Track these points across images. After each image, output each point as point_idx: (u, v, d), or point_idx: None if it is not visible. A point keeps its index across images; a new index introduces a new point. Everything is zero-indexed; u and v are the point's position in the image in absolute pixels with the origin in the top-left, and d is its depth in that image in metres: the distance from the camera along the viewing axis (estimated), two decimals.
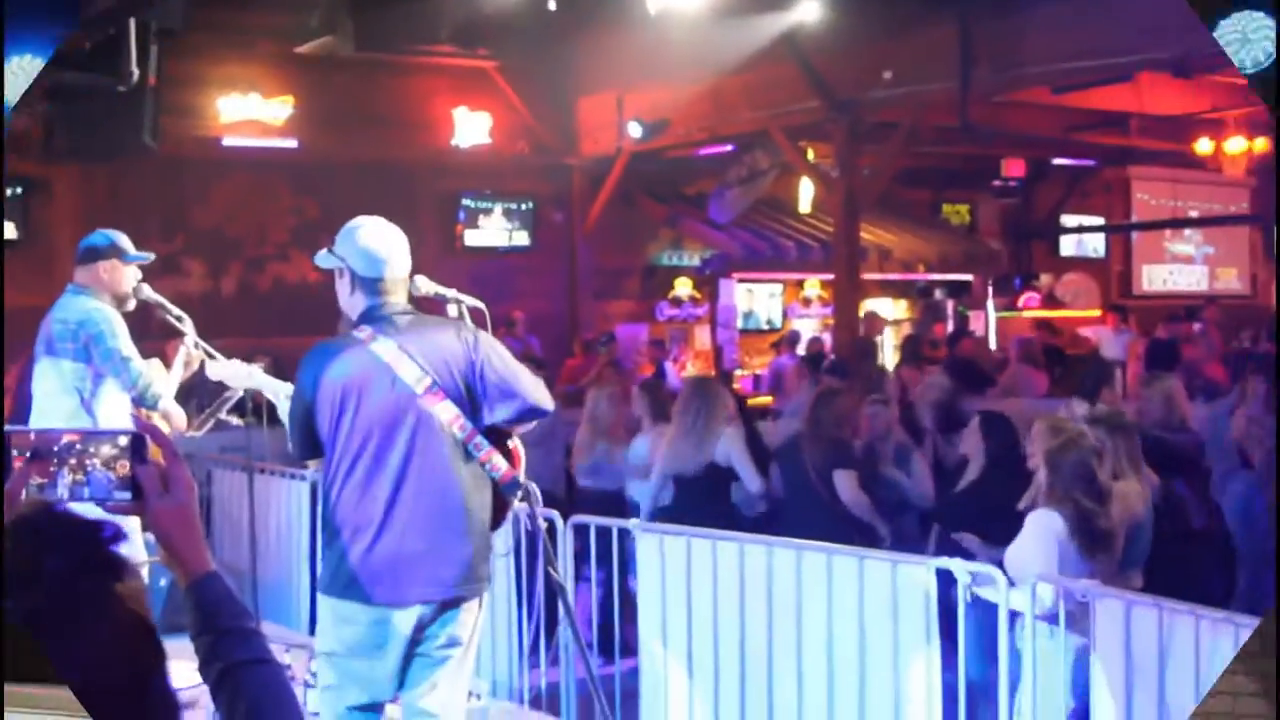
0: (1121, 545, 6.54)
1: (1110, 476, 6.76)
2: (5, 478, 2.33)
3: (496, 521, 5.26)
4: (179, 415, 7.28)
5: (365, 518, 5.04)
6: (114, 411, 6.99)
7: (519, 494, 5.22)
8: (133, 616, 1.94)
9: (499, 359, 5.17)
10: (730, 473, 8.92)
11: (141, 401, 7.02)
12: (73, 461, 2.36)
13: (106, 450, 2.36)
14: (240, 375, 6.72)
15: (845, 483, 8.71)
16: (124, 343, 7.00)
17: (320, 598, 5.24)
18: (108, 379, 6.99)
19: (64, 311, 7.05)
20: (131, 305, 7.29)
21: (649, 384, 10.60)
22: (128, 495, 2.37)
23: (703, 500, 8.76)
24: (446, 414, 5.03)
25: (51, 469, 2.37)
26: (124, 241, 7.29)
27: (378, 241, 5.26)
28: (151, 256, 7.45)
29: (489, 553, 5.22)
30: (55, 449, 2.37)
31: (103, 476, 2.35)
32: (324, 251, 5.31)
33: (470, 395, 5.09)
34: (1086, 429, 6.70)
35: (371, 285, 5.20)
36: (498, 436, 5.16)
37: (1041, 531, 6.37)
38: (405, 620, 5.03)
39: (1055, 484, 6.43)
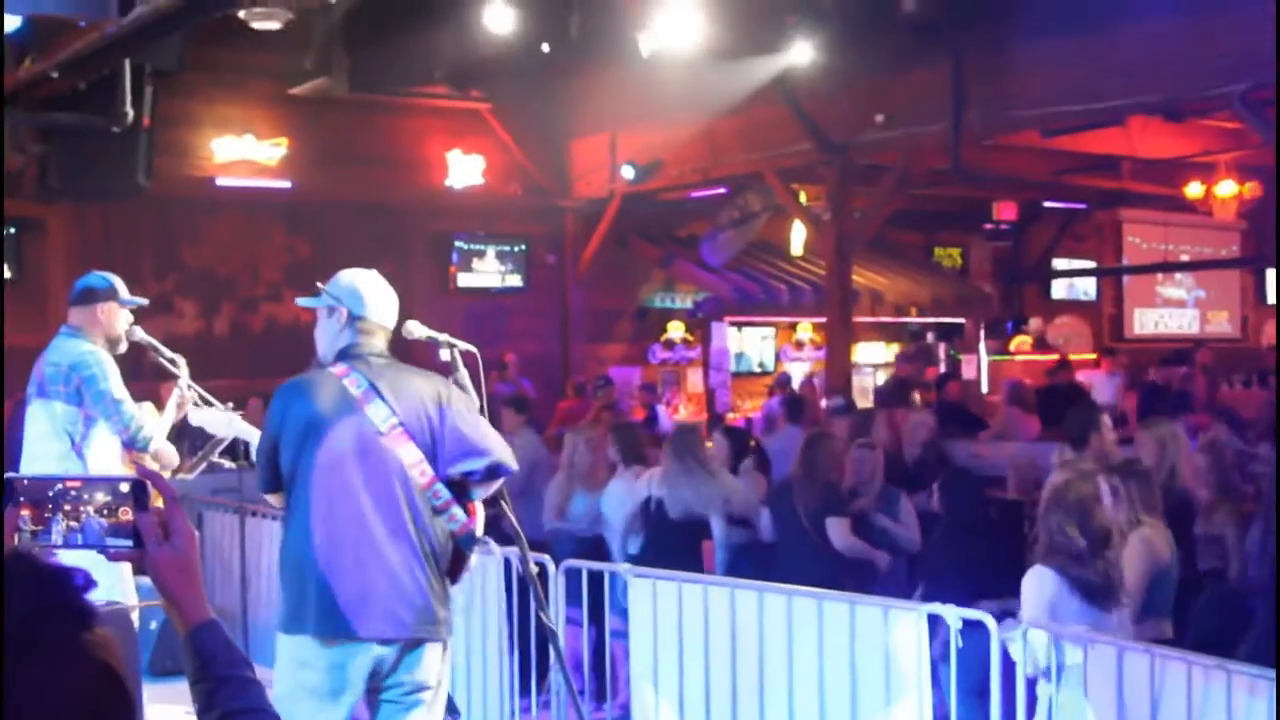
0: (1138, 592, 6.51)
1: (1127, 522, 6.75)
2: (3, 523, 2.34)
3: (455, 574, 5.24)
4: (171, 456, 7.27)
5: (324, 553, 5.03)
6: (105, 455, 6.97)
7: (474, 549, 5.22)
8: (99, 666, 1.92)
9: (469, 414, 5.20)
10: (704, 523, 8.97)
11: (132, 445, 7.01)
12: (67, 508, 2.36)
13: (101, 497, 2.36)
14: (221, 423, 6.75)
15: (837, 530, 8.71)
16: (116, 386, 6.99)
17: (278, 637, 5.20)
18: (99, 422, 6.98)
19: (57, 354, 7.04)
20: (124, 348, 7.29)
21: (622, 427, 10.57)
22: (124, 542, 2.36)
23: (674, 548, 8.74)
24: (410, 457, 5.04)
25: (46, 515, 2.36)
26: (120, 284, 7.29)
27: (368, 286, 5.32)
28: (146, 302, 7.46)
29: (447, 600, 5.20)
30: (50, 494, 2.37)
31: (96, 524, 2.35)
32: (315, 296, 5.34)
33: (435, 445, 5.10)
34: (1086, 475, 6.64)
35: (355, 324, 5.25)
36: (458, 491, 5.15)
37: (1034, 588, 6.35)
38: (363, 661, 5.02)
39: (1044, 540, 6.40)
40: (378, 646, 5.02)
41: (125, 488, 2.36)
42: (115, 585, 6.42)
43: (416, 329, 5.36)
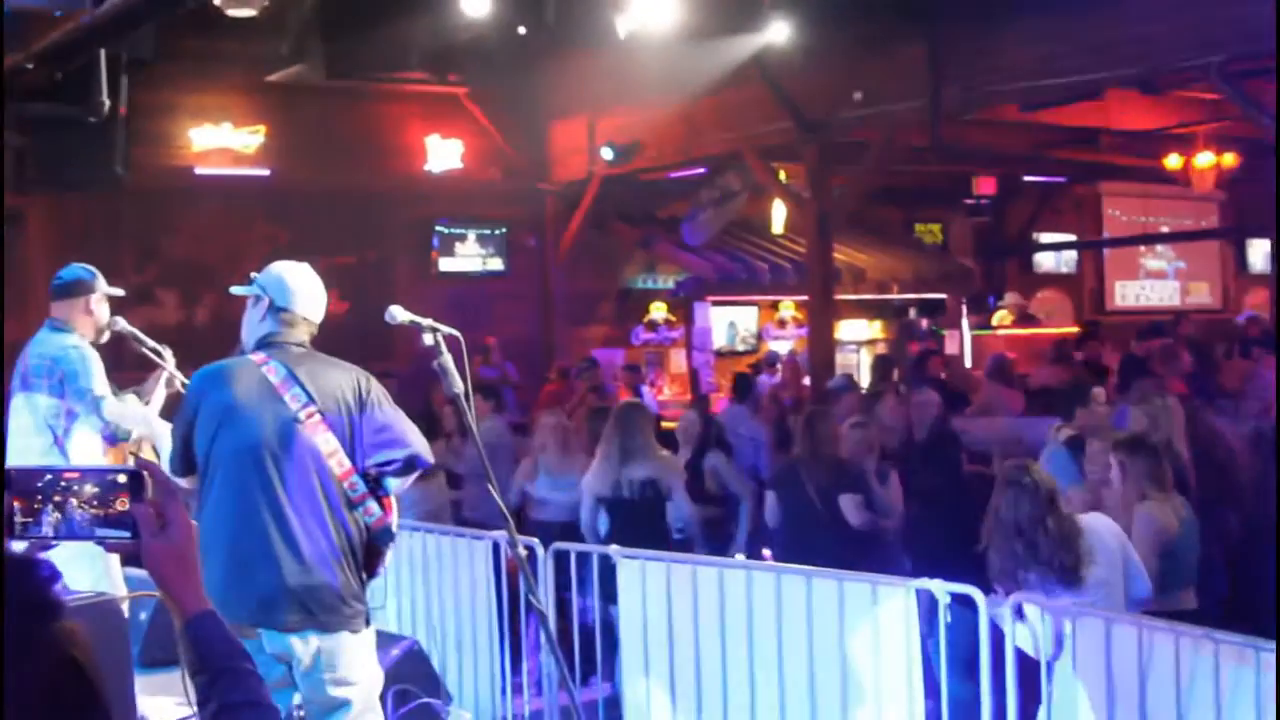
0: (1150, 564, 6.53)
1: (1136, 497, 6.81)
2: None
3: (370, 568, 5.23)
4: (162, 426, 7.25)
5: (235, 540, 5.03)
6: (86, 448, 6.96)
7: (390, 544, 5.21)
8: (61, 659, 1.91)
9: (389, 406, 5.22)
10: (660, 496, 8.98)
11: (113, 438, 7.00)
12: (57, 499, 2.35)
13: (90, 488, 2.35)
14: (135, 417, 6.81)
15: (851, 506, 8.71)
16: (97, 380, 6.98)
17: None
18: (81, 416, 6.97)
19: (41, 347, 7.04)
20: (107, 338, 7.28)
21: (595, 413, 10.57)
22: (116, 533, 2.36)
23: (634, 523, 8.78)
24: (327, 446, 5.05)
25: (36, 506, 2.36)
26: (100, 275, 7.29)
27: (294, 277, 5.38)
28: (122, 292, 7.45)
29: (361, 591, 5.17)
30: (39, 485, 2.36)
31: (84, 515, 2.34)
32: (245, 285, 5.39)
33: (353, 435, 5.10)
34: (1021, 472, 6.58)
35: (278, 314, 5.30)
36: (374, 485, 5.15)
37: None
38: (275, 650, 5.03)
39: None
40: (287, 636, 5.02)
41: (122, 479, 2.36)
42: (104, 577, 6.42)
43: (399, 314, 5.29)
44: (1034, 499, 6.24)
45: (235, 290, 5.46)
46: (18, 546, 2.31)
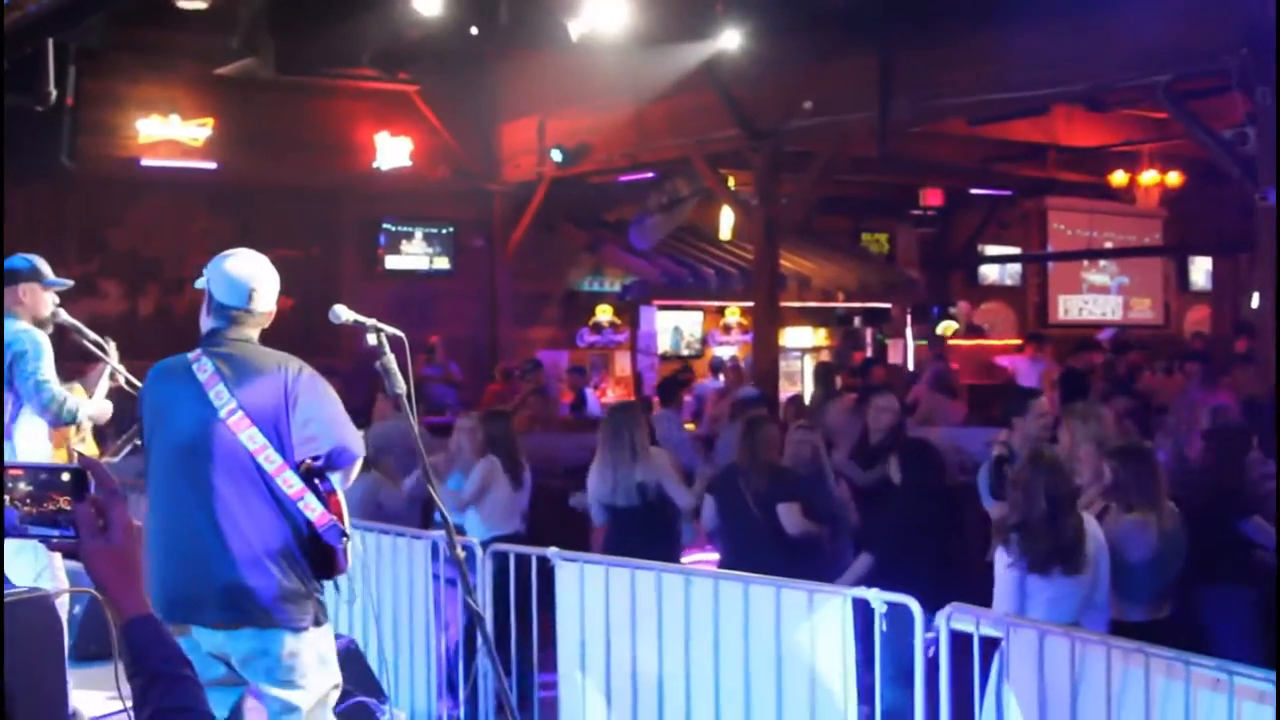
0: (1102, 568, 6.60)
1: (1123, 506, 6.88)
2: None
3: (324, 571, 5.14)
4: (104, 412, 7.23)
5: (167, 539, 5.02)
6: (32, 435, 6.91)
7: (345, 542, 5.11)
8: None
9: (319, 397, 5.14)
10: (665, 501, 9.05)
11: (58, 422, 6.95)
12: None
13: (24, 486, 2.33)
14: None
15: (789, 515, 8.71)
16: (46, 366, 6.93)
17: None
18: (25, 401, 6.92)
19: None
20: (49, 329, 7.23)
21: (488, 415, 10.43)
22: (52, 532, 2.34)
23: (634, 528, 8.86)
24: (253, 443, 4.99)
25: None
26: (43, 266, 7.22)
27: (240, 269, 5.28)
28: (70, 283, 7.38)
29: (303, 591, 5.06)
30: None
31: (13, 513, 2.32)
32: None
33: (279, 430, 5.04)
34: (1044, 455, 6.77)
35: (222, 312, 5.24)
36: (315, 481, 5.09)
37: (998, 567, 6.58)
38: (211, 647, 5.01)
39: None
40: (218, 633, 4.99)
41: (65, 477, 2.34)
42: (44, 571, 6.38)
43: (343, 313, 5.26)
44: (1065, 480, 6.50)
45: (196, 284, 5.39)
46: None
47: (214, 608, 4.97)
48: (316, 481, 5.08)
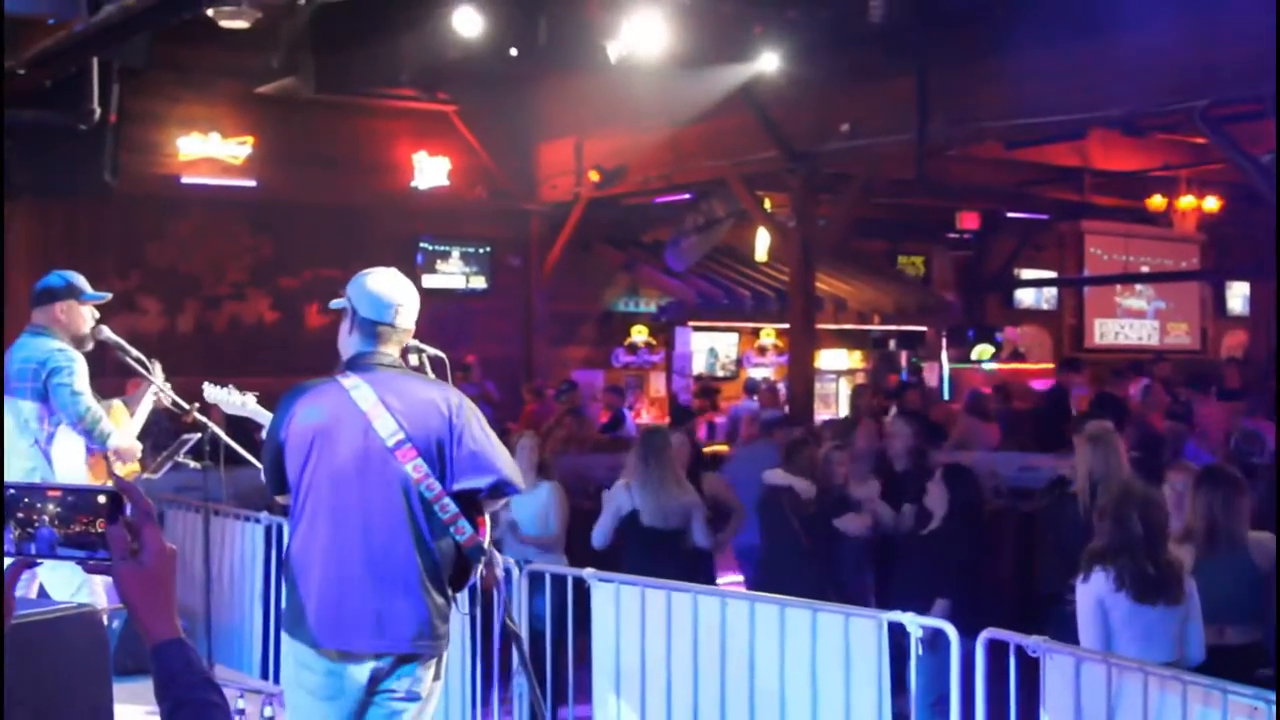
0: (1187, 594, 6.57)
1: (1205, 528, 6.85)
2: None
3: (459, 584, 5.20)
4: (132, 451, 7.27)
5: (326, 565, 5.01)
6: (69, 453, 6.97)
7: (483, 559, 5.17)
8: None
9: (479, 429, 5.12)
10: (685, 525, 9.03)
11: (89, 440, 7.00)
12: (20, 516, 2.33)
13: (54, 508, 2.33)
14: (234, 402, 6.77)
15: (850, 525, 8.76)
16: (80, 382, 6.99)
17: (283, 636, 5.20)
18: (62, 420, 6.98)
19: (25, 351, 7.04)
20: (90, 346, 7.28)
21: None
22: (83, 554, 2.33)
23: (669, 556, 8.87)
24: (416, 472, 4.97)
25: (22, 522, 2.34)
26: (80, 281, 7.28)
27: (385, 287, 5.26)
28: (108, 296, 7.43)
29: (448, 612, 5.15)
30: (22, 501, 2.34)
31: (48, 534, 2.31)
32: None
33: (442, 458, 5.03)
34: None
35: (369, 328, 5.18)
36: (466, 502, 5.10)
37: (1084, 597, 6.50)
38: (359, 672, 4.99)
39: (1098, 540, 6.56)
40: (374, 660, 4.99)
41: (101, 499, 2.32)
42: (83, 586, 6.43)
43: None
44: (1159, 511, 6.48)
45: (333, 304, 5.34)
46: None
47: (377, 637, 4.98)
48: (468, 504, 5.11)
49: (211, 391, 6.82)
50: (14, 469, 6.87)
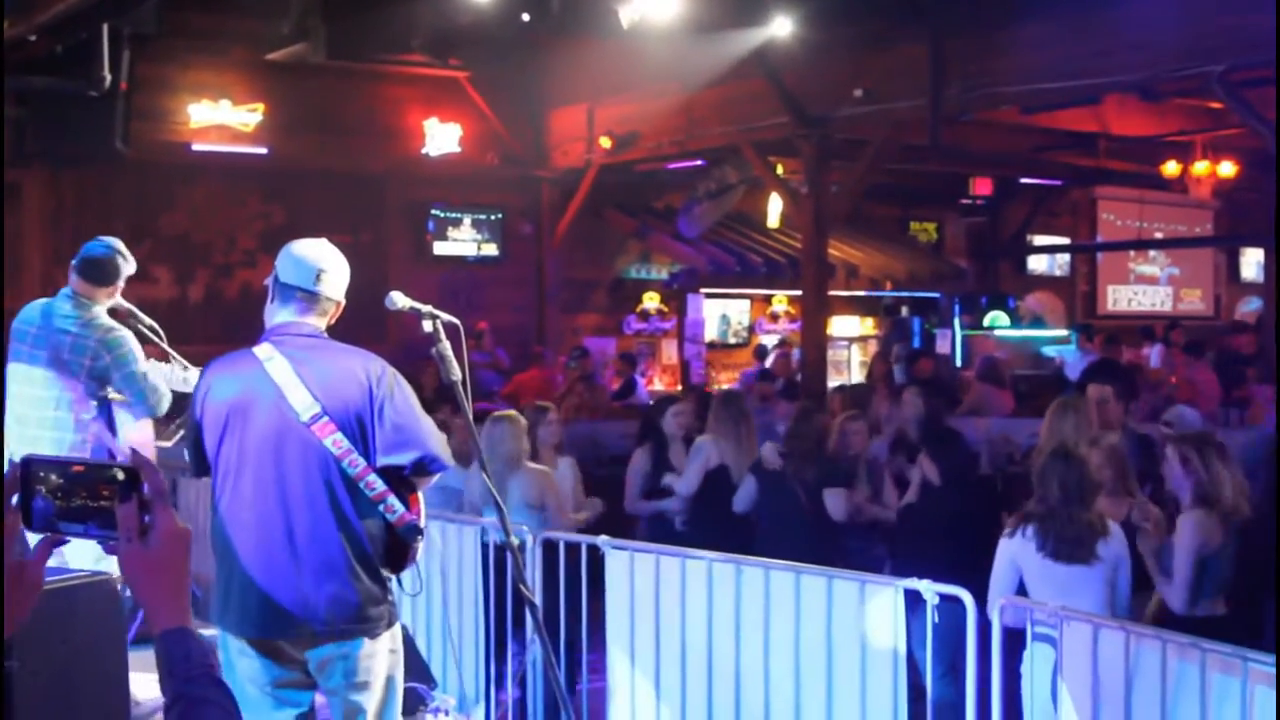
0: (1186, 571, 6.57)
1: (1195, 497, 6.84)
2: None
3: (397, 565, 5.02)
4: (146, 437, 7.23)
5: (246, 549, 4.83)
6: (141, 426, 6.95)
7: (419, 539, 5.00)
8: None
9: (401, 402, 4.91)
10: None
11: (152, 414, 6.97)
12: (26, 489, 2.24)
13: (55, 479, 2.24)
14: (177, 379, 6.78)
15: (836, 501, 8.75)
16: (143, 363, 6.96)
17: (215, 627, 5.01)
18: (108, 401, 6.93)
19: (78, 325, 6.92)
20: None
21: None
22: (75, 529, 2.25)
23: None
24: (336, 447, 4.78)
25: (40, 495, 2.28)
26: (126, 252, 7.29)
27: (309, 251, 5.07)
28: (133, 268, 7.41)
29: (382, 595, 4.96)
30: (41, 475, 2.27)
31: (44, 505, 2.24)
32: None
33: (364, 432, 4.84)
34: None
35: (289, 295, 5.01)
36: (396, 479, 4.91)
37: (1001, 551, 6.73)
38: (293, 657, 4.88)
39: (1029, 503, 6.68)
40: (305, 644, 4.85)
41: (120, 475, 2.23)
42: (104, 554, 6.41)
43: (399, 300, 5.17)
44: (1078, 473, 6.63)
45: (267, 281, 5.16)
46: (32, 537, 2.27)
47: (298, 620, 4.81)
48: (399, 481, 4.93)
49: (197, 372, 6.81)
50: (45, 440, 6.79)
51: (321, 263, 5.05)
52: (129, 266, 7.17)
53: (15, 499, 2.24)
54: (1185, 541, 6.64)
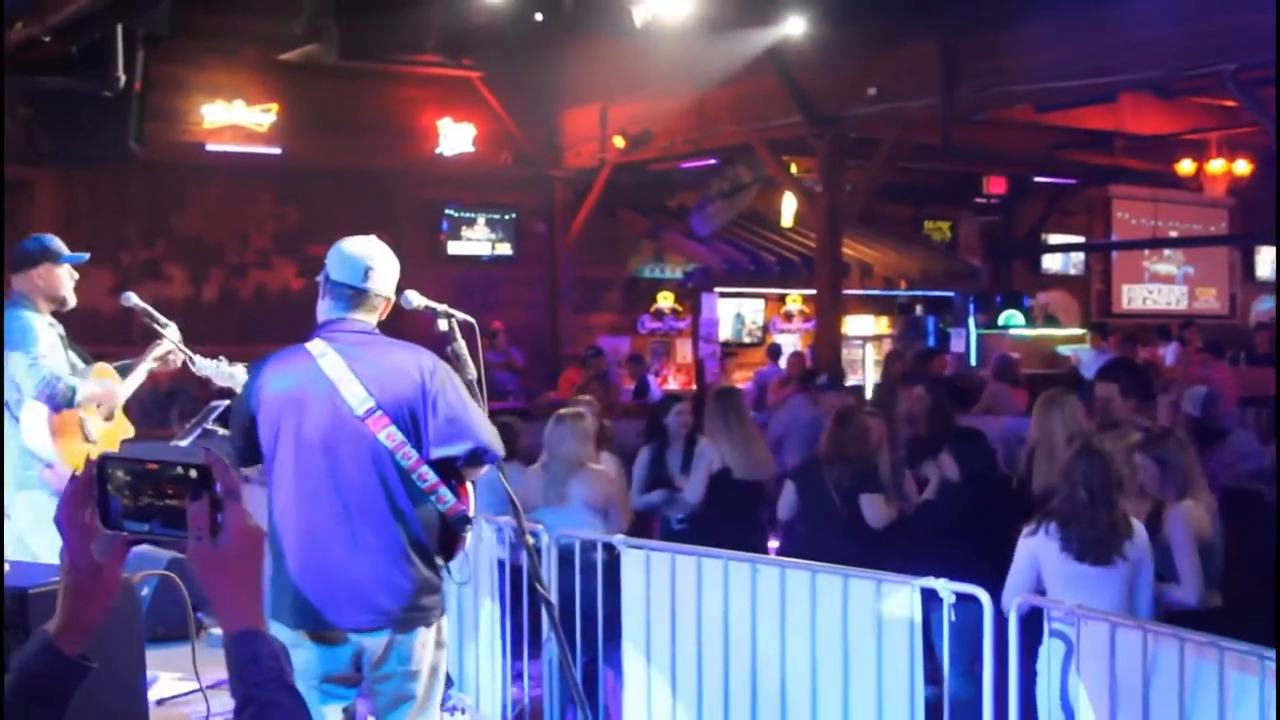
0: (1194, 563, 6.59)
1: (1175, 495, 6.84)
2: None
3: (448, 554, 5.08)
4: (105, 395, 7.16)
5: (303, 542, 4.89)
6: (33, 417, 6.90)
7: (469, 528, 5.08)
8: None
9: (454, 394, 4.97)
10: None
11: (53, 401, 6.90)
12: (102, 489, 2.23)
13: (122, 476, 2.24)
14: (224, 374, 6.72)
15: (872, 506, 8.65)
16: (36, 348, 6.92)
17: (270, 621, 5.06)
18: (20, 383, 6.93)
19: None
20: (70, 305, 7.24)
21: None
22: (141, 528, 2.24)
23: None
24: (390, 440, 4.85)
25: (120, 497, 2.27)
26: (56, 244, 7.22)
27: (360, 250, 5.13)
28: (86, 256, 7.35)
29: (437, 583, 5.03)
30: (118, 475, 2.24)
31: (116, 504, 2.23)
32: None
33: (417, 425, 4.91)
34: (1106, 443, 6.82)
35: (340, 292, 5.07)
36: (447, 470, 4.97)
37: (1022, 547, 6.66)
38: (347, 650, 4.91)
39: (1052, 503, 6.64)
40: (360, 636, 4.89)
41: (193, 473, 2.21)
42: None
43: (415, 298, 5.21)
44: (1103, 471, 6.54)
45: (318, 279, 5.19)
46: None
47: (359, 612, 4.87)
48: (449, 472, 4.99)
49: (202, 364, 6.78)
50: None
51: (370, 260, 5.11)
52: (50, 252, 7.16)
53: (92, 498, 2.24)
54: (1181, 532, 6.69)
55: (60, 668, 2.24)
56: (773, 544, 9.88)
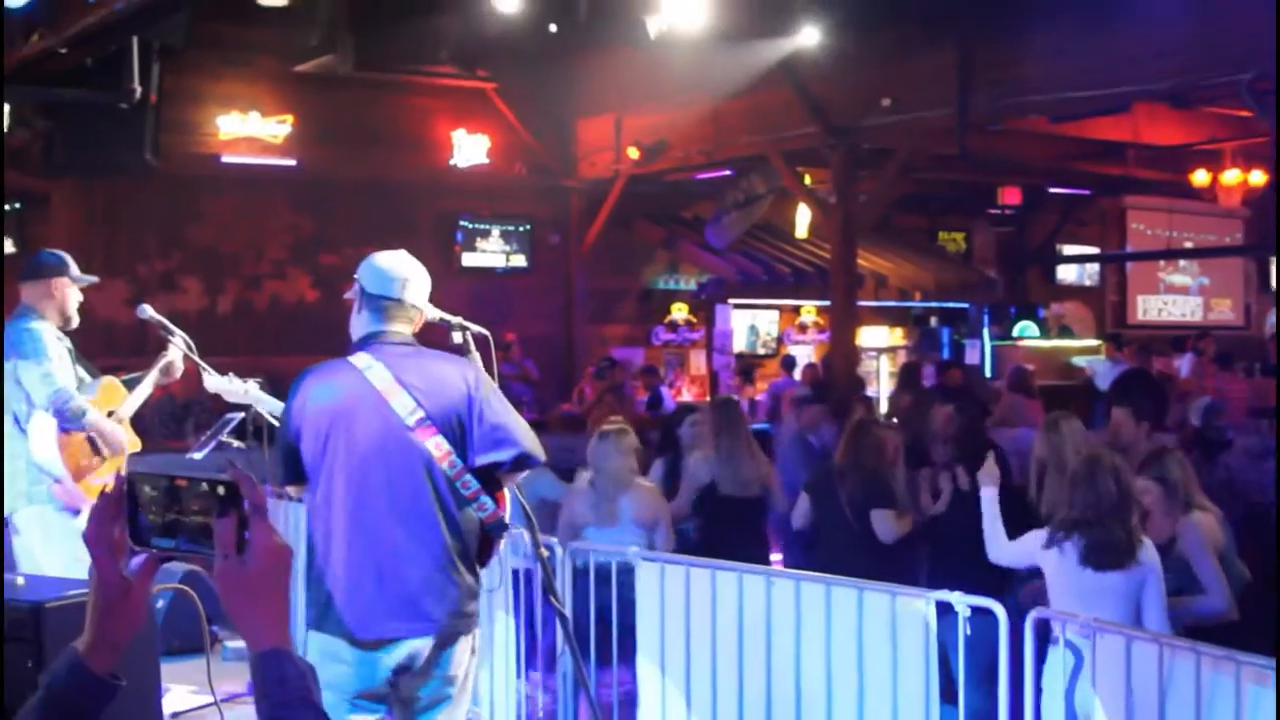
0: (1218, 573, 6.57)
1: (1183, 508, 6.83)
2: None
3: (483, 560, 5.14)
4: (114, 436, 7.17)
5: (352, 552, 4.91)
6: (42, 432, 6.92)
7: (503, 535, 5.12)
8: None
9: (498, 403, 5.05)
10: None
11: (61, 417, 6.92)
12: (133, 504, 2.26)
13: (150, 492, 2.26)
14: (236, 390, 6.72)
15: (883, 522, 8.61)
16: (49, 361, 6.95)
17: (308, 633, 5.05)
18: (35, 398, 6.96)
19: (8, 330, 7.06)
20: (74, 325, 7.29)
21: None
22: (168, 544, 2.26)
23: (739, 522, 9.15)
24: (438, 450, 4.90)
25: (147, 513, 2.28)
26: (72, 263, 7.30)
27: (393, 263, 5.18)
28: (97, 280, 7.43)
29: (477, 590, 5.10)
30: (148, 491, 2.27)
31: (145, 520, 2.26)
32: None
33: (463, 434, 4.97)
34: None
35: (377, 305, 5.10)
36: (485, 478, 5.03)
37: (1028, 538, 6.79)
38: (391, 659, 4.92)
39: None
40: (407, 642, 4.92)
41: (220, 490, 2.21)
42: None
43: (430, 311, 5.27)
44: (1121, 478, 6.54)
45: (347, 295, 5.23)
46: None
47: (410, 620, 4.91)
48: (488, 480, 5.05)
49: (211, 380, 6.79)
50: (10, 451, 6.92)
51: (404, 272, 5.17)
52: (68, 267, 7.25)
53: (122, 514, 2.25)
54: (1197, 540, 6.69)
55: (89, 686, 2.24)
56: (775, 556, 9.86)
